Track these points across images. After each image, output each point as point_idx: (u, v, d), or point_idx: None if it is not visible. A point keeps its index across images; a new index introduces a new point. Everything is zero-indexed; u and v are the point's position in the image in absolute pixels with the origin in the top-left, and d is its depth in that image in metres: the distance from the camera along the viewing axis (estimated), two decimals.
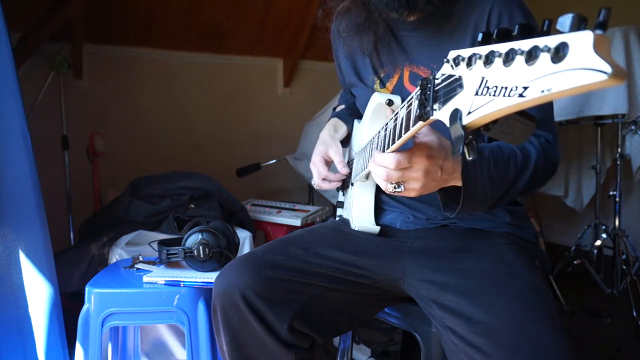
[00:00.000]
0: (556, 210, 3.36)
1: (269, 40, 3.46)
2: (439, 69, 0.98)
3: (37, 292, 1.41)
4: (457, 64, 0.53)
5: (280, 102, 3.66)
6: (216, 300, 0.93)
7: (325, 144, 1.14)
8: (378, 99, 1.01)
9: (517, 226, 1.02)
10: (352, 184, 1.11)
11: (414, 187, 0.75)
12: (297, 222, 2.22)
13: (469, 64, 0.50)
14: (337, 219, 1.22)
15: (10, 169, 1.37)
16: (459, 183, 0.77)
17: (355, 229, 1.05)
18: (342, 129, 1.21)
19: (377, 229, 1.05)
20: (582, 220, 3.05)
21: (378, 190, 1.09)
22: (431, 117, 0.58)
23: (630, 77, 2.29)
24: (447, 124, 0.53)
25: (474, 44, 0.94)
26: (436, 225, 1.04)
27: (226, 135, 3.41)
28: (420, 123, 0.62)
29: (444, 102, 0.55)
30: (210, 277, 1.27)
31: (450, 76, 0.55)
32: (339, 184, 1.13)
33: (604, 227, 2.63)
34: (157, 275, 1.27)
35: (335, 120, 1.23)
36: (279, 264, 0.94)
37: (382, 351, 1.97)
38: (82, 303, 1.27)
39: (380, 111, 1.04)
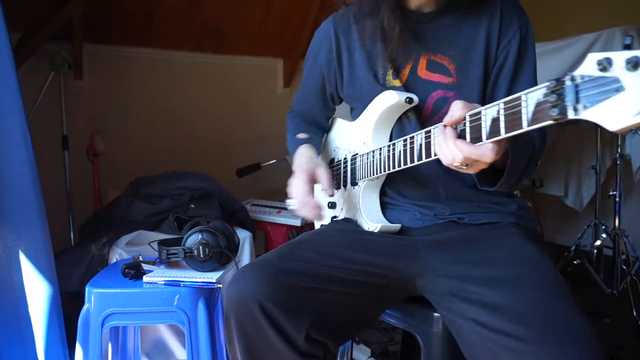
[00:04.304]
0: (556, 210, 3.36)
1: (269, 40, 3.46)
2: (456, 56, 1.02)
3: (37, 292, 1.41)
4: (605, 67, 0.54)
5: (280, 102, 3.65)
6: (230, 309, 0.90)
7: (312, 161, 1.09)
8: (396, 97, 0.99)
9: (522, 216, 1.04)
10: (357, 184, 1.10)
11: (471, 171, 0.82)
12: (297, 222, 2.23)
13: (635, 67, 0.51)
14: (331, 220, 1.21)
15: (10, 169, 1.36)
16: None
17: (377, 231, 1.03)
18: (319, 155, 1.16)
19: (397, 227, 1.04)
20: (582, 220, 3.05)
21: (382, 187, 1.08)
22: (574, 117, 0.59)
23: None
24: (603, 125, 0.54)
25: (490, 33, 1.01)
26: (444, 221, 1.04)
27: (226, 135, 3.41)
28: (549, 122, 0.62)
29: (594, 103, 0.56)
30: (210, 277, 1.27)
31: (600, 77, 0.55)
32: (317, 214, 1.03)
33: (603, 227, 2.63)
34: (157, 275, 1.27)
35: (308, 147, 1.16)
36: (294, 270, 0.91)
37: (382, 351, 1.97)
38: (82, 303, 1.27)
39: (395, 111, 1.02)
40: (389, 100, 1.01)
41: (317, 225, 1.27)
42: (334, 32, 1.14)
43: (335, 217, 1.21)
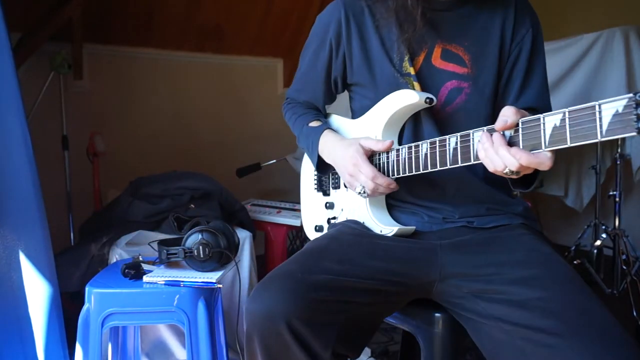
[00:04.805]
0: (556, 210, 3.36)
1: (269, 40, 3.46)
2: (471, 47, 1.02)
3: (37, 292, 1.41)
4: None
5: (280, 102, 3.61)
6: (253, 328, 0.84)
7: (351, 141, 1.04)
8: (416, 97, 0.96)
9: (528, 217, 1.05)
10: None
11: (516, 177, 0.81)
12: (297, 222, 2.22)
13: None
14: (328, 222, 1.20)
15: (10, 169, 1.37)
16: None
17: (391, 235, 1.01)
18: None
19: (412, 229, 1.02)
20: (582, 220, 3.05)
21: None
22: None
23: (631, 77, 2.29)
24: None
25: (504, 27, 1.02)
26: (455, 225, 1.03)
27: (226, 135, 3.41)
28: (631, 134, 0.63)
29: None
30: (210, 277, 1.27)
31: None
32: (395, 187, 1.00)
33: (603, 227, 2.63)
34: (157, 275, 1.27)
35: (330, 132, 1.12)
36: (320, 284, 0.86)
37: (382, 351, 1.97)
38: (82, 303, 1.27)
39: (411, 110, 1.01)
40: (407, 100, 0.97)
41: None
42: (345, 14, 1.07)
43: (333, 217, 1.19)
